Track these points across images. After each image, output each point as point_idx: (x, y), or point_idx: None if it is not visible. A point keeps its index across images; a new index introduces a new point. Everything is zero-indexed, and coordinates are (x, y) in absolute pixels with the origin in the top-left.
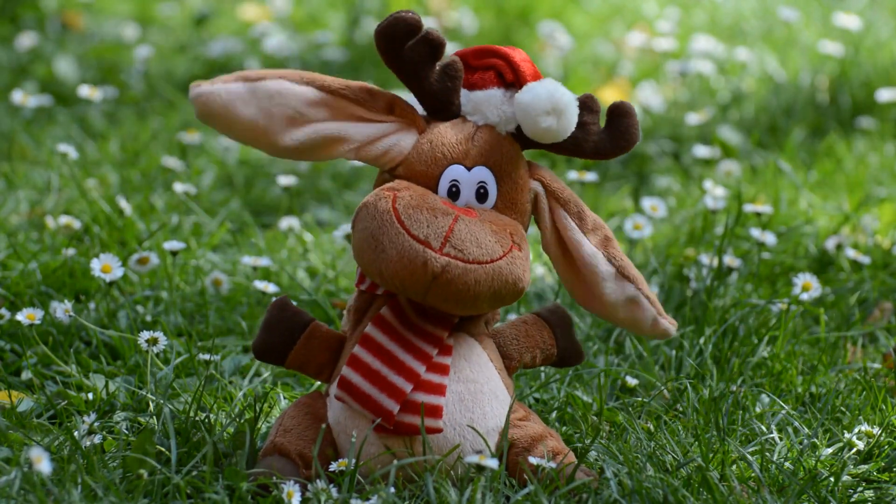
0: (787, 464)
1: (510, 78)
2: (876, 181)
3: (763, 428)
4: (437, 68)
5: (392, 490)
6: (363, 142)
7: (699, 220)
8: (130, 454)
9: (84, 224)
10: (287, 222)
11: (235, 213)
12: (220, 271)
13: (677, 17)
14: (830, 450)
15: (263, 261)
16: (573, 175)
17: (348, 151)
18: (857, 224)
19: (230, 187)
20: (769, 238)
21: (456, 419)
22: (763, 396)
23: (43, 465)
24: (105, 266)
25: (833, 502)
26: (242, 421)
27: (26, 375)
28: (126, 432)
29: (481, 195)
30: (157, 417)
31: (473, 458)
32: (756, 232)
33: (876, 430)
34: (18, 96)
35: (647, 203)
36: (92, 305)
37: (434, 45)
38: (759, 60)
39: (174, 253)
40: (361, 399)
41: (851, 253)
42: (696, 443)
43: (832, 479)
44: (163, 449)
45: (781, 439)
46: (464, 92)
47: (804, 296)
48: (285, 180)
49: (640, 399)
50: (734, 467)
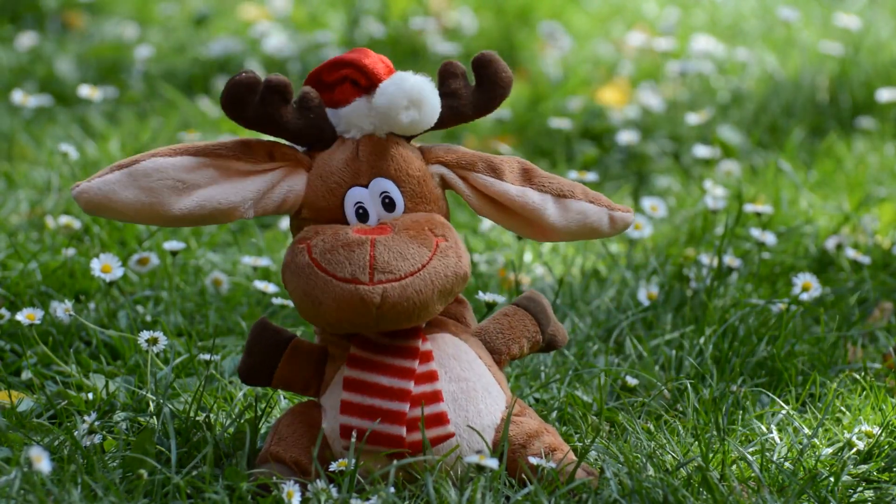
0: (787, 464)
1: (364, 83)
2: (876, 181)
3: (763, 428)
4: (293, 107)
5: (392, 490)
6: (256, 198)
7: (699, 220)
8: (130, 454)
9: (84, 224)
10: (287, 222)
11: None
12: (220, 271)
13: (677, 17)
14: (830, 450)
15: (263, 261)
16: (573, 175)
17: (246, 211)
18: (857, 224)
19: None
20: (769, 238)
21: (451, 419)
22: (763, 396)
23: (43, 465)
24: (105, 266)
25: (833, 502)
26: (242, 421)
27: (26, 375)
28: (126, 432)
29: (388, 204)
30: (157, 417)
31: (473, 458)
32: (756, 232)
33: (876, 430)
34: (18, 96)
35: (647, 203)
36: (92, 305)
37: (279, 89)
38: (759, 60)
39: (174, 253)
40: (370, 438)
41: (851, 253)
42: (696, 443)
43: (832, 479)
44: (163, 449)
45: (781, 439)
46: (331, 112)
47: (804, 296)
48: None
49: (640, 399)
50: (734, 467)
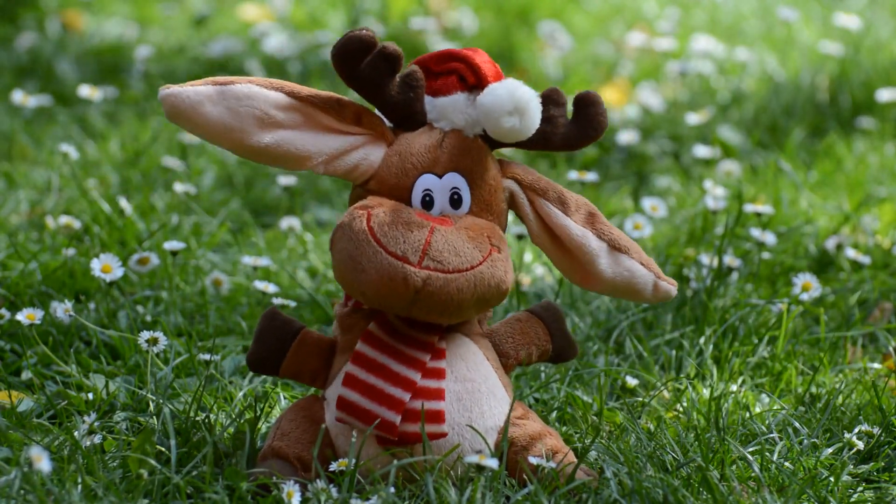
0: (787, 464)
1: (472, 81)
2: (876, 181)
3: (763, 428)
4: (398, 80)
5: (392, 490)
6: (331, 155)
7: (699, 220)
8: (130, 454)
9: (84, 224)
10: (287, 222)
11: (235, 213)
12: (220, 271)
13: (677, 17)
14: (830, 450)
15: (263, 261)
16: (573, 175)
17: (317, 165)
18: (857, 224)
19: (230, 187)
20: (769, 238)
21: (455, 419)
22: (763, 396)
23: (43, 465)
24: (105, 266)
25: (833, 502)
26: (242, 421)
27: (26, 375)
28: (126, 432)
29: (455, 201)
30: (157, 417)
31: (473, 458)
32: (756, 232)
33: (876, 430)
34: (18, 96)
35: (648, 203)
36: (92, 305)
37: (391, 59)
38: (759, 60)
39: (174, 253)
40: (362, 416)
41: (851, 253)
42: (696, 443)
43: (832, 479)
44: (163, 449)
45: (781, 439)
46: (428, 99)
47: (804, 296)
48: (285, 180)
49: (641, 399)
50: (734, 467)
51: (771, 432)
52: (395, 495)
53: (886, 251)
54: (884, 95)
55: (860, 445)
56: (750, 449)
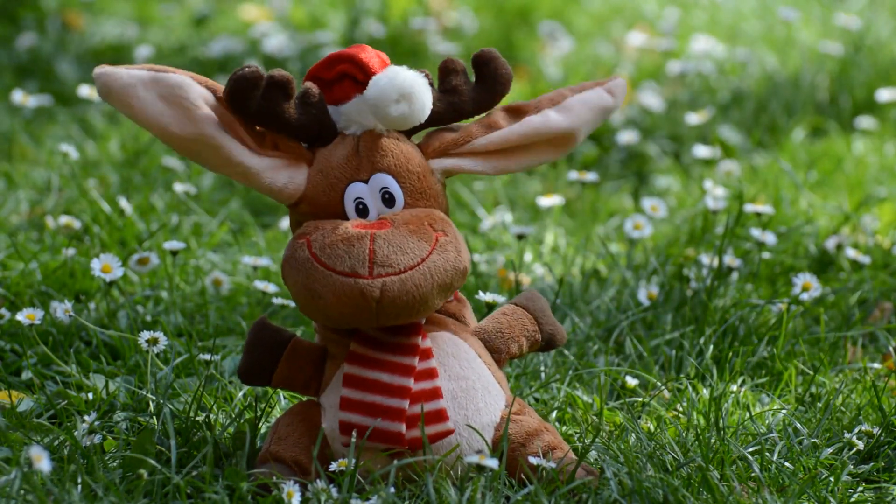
0: (787, 464)
1: (362, 78)
2: (876, 181)
3: (763, 428)
4: (294, 103)
5: (392, 490)
6: (258, 170)
7: (699, 220)
8: (130, 454)
9: (84, 224)
10: (287, 222)
11: (235, 213)
12: (220, 271)
13: (677, 17)
14: (830, 450)
15: (263, 261)
16: (573, 175)
17: (242, 174)
18: (857, 224)
19: (230, 187)
20: (769, 238)
21: (451, 417)
22: (763, 396)
23: (43, 465)
24: (105, 266)
25: (833, 502)
26: (242, 421)
27: (26, 375)
28: (126, 432)
29: (388, 200)
30: (157, 417)
31: (473, 458)
32: (756, 232)
33: (876, 430)
34: (18, 96)
35: (648, 203)
36: (92, 305)
37: (281, 85)
38: (759, 60)
39: (174, 253)
40: (369, 435)
41: (851, 253)
42: (696, 443)
43: (832, 479)
44: (163, 449)
45: (781, 439)
46: (332, 109)
47: (804, 296)
48: None
49: (641, 399)
50: (734, 467)
51: (771, 432)
52: (395, 495)
53: (886, 251)
54: (884, 95)
55: (860, 445)
56: (750, 449)
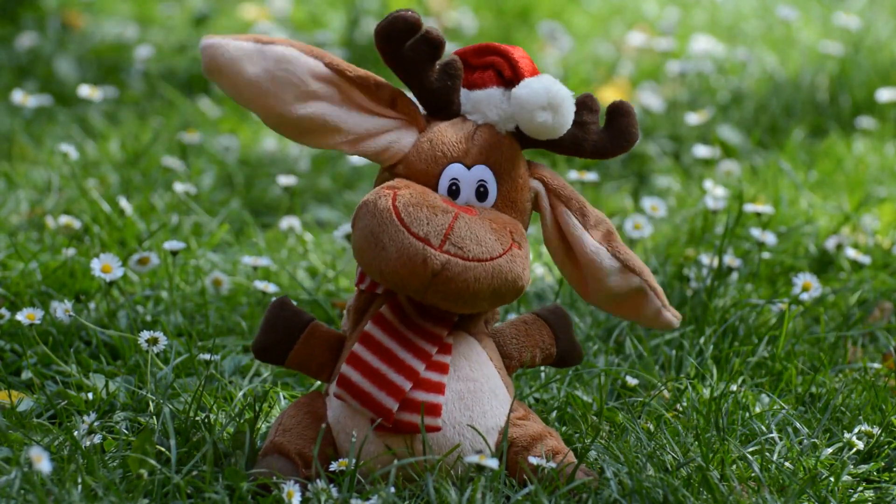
0: (787, 464)
1: (509, 75)
2: (876, 181)
3: (763, 428)
4: (437, 67)
5: (392, 490)
6: (362, 135)
7: (699, 220)
8: (130, 454)
9: (84, 224)
10: (287, 222)
11: (235, 213)
12: (220, 271)
13: (677, 17)
14: (830, 450)
15: (263, 261)
16: (573, 175)
17: (346, 143)
18: (857, 224)
19: (230, 187)
20: (769, 238)
21: (456, 418)
22: (763, 396)
23: (43, 465)
24: (105, 266)
25: (833, 502)
26: (242, 421)
27: (26, 375)
28: (126, 432)
29: (481, 194)
30: (157, 417)
31: (473, 458)
32: (756, 232)
33: (876, 430)
34: (18, 96)
35: (648, 203)
36: (92, 305)
37: (434, 44)
38: (759, 60)
39: (174, 253)
40: (360, 397)
41: (851, 253)
42: (696, 443)
43: (832, 479)
44: (163, 449)
45: (781, 439)
46: (464, 91)
47: (804, 296)
48: (285, 180)
49: (641, 399)
50: (734, 467)
51: (771, 432)
52: (396, 495)
53: (886, 251)
54: (884, 95)
55: (860, 445)
56: (750, 449)
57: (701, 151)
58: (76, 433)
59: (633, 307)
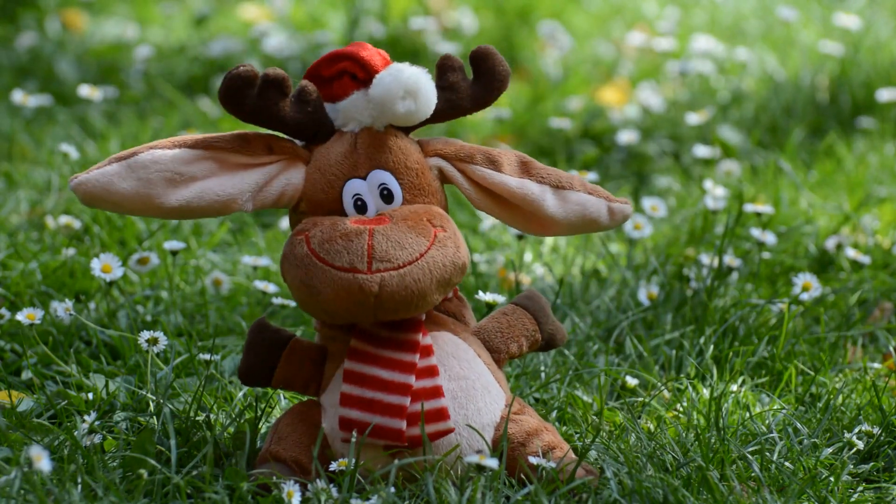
0: (787, 464)
1: (363, 76)
2: (876, 181)
3: (763, 428)
4: (291, 100)
5: (392, 490)
6: (254, 191)
7: (699, 220)
8: (130, 454)
9: (84, 224)
10: (287, 222)
11: (235, 213)
12: (221, 271)
13: (677, 17)
14: (830, 450)
15: (263, 261)
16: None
17: (244, 204)
18: (857, 224)
19: None
20: (769, 238)
21: (451, 417)
22: (763, 396)
23: (43, 465)
24: (105, 266)
25: (833, 502)
26: (242, 421)
27: (26, 375)
28: (126, 432)
29: (386, 196)
30: (157, 417)
31: (473, 458)
32: (756, 232)
33: (876, 430)
34: (18, 96)
35: (647, 203)
36: (92, 305)
37: (276, 83)
38: (759, 60)
39: (174, 253)
40: (369, 432)
41: (851, 253)
42: (696, 443)
43: (832, 479)
44: (163, 449)
45: (781, 439)
46: (330, 106)
47: (804, 296)
48: None
49: (641, 399)
50: (734, 467)
51: (771, 432)
52: (395, 495)
53: (886, 251)
54: (884, 95)
55: (860, 445)
56: (750, 449)
57: (701, 151)
58: (76, 433)
59: (585, 219)
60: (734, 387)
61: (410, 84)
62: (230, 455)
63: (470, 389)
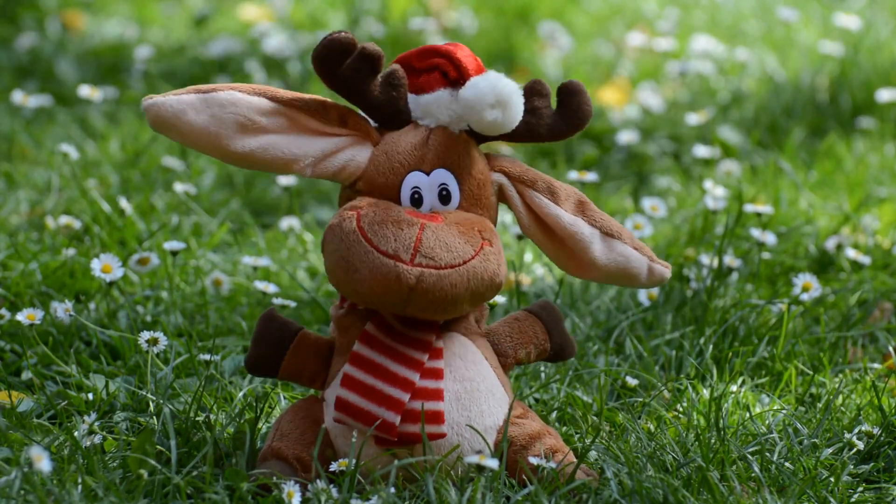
0: (787, 464)
1: (454, 76)
2: (876, 181)
3: (763, 428)
4: (380, 80)
5: (392, 490)
6: (317, 157)
7: (699, 220)
8: (130, 454)
9: (84, 224)
10: (287, 222)
11: (235, 213)
12: (221, 271)
13: (677, 17)
14: (830, 450)
15: (263, 261)
16: (573, 175)
17: (304, 168)
18: (857, 224)
19: (230, 187)
20: (769, 238)
21: (454, 418)
22: (763, 396)
23: (43, 465)
24: (105, 266)
25: (833, 502)
26: (242, 421)
27: (26, 375)
28: (126, 432)
29: (444, 197)
30: (157, 417)
31: (473, 459)
32: (756, 232)
33: (876, 430)
34: (18, 96)
35: (647, 203)
36: (92, 305)
37: (371, 59)
38: (759, 60)
39: (174, 253)
40: (362, 417)
41: (851, 253)
42: (696, 443)
43: (832, 479)
44: (163, 449)
45: (781, 439)
46: (412, 97)
47: (804, 296)
48: (285, 180)
49: (641, 399)
50: (734, 467)
51: (771, 432)
52: (396, 495)
53: (886, 251)
54: (884, 95)
55: (860, 445)
56: (750, 449)
57: (701, 151)
58: (76, 433)
59: (624, 272)
60: (734, 387)
61: (504, 95)
62: (230, 455)
63: (474, 392)
